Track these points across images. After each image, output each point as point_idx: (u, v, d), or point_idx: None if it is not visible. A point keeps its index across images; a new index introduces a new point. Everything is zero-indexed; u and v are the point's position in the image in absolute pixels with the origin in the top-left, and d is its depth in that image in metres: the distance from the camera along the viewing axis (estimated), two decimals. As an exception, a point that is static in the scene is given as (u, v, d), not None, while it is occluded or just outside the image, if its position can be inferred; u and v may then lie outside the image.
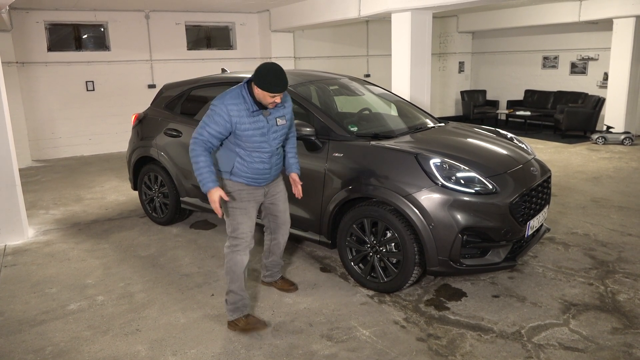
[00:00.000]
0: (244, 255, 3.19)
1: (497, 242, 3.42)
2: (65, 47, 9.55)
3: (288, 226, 3.60)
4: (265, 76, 2.92)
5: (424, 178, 3.40)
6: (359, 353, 2.97)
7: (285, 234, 3.60)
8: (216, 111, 2.99)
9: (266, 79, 2.91)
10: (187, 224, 5.36)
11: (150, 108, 5.43)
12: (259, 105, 3.04)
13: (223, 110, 2.97)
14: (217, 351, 3.02)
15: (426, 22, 7.05)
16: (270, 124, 3.10)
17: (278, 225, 3.55)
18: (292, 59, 11.25)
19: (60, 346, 3.12)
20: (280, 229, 3.57)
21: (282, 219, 3.53)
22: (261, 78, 2.92)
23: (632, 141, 9.33)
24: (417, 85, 7.18)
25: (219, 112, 2.98)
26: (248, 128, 3.02)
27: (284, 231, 3.59)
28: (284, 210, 3.51)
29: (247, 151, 3.11)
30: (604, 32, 10.72)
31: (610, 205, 5.69)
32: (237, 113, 2.98)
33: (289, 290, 3.75)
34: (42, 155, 9.45)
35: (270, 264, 3.75)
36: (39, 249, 4.76)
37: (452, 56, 13.50)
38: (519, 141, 4.37)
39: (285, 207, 3.52)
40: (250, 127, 3.03)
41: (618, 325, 3.20)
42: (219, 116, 2.98)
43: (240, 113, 2.99)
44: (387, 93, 5.14)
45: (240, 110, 2.99)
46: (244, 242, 3.18)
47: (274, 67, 2.96)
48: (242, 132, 3.03)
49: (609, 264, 4.11)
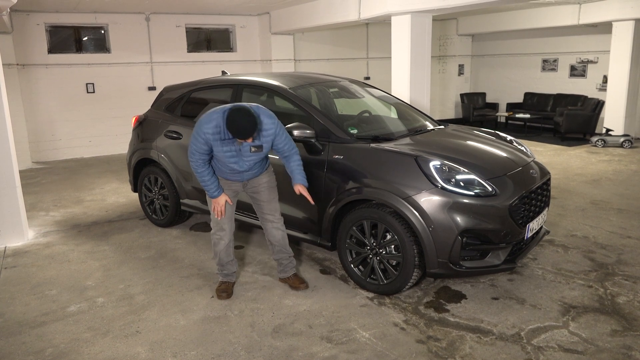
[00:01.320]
0: (221, 239, 3.66)
1: (497, 245, 3.43)
2: (66, 49, 9.56)
3: (277, 216, 3.75)
4: (232, 124, 3.16)
5: (423, 180, 3.41)
6: (358, 355, 2.97)
7: (275, 222, 3.74)
8: (195, 135, 3.35)
9: (232, 127, 3.16)
10: (187, 226, 5.36)
11: (151, 110, 5.43)
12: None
13: (200, 135, 3.32)
14: (217, 353, 3.02)
15: (426, 25, 7.07)
16: (243, 151, 3.39)
17: (264, 214, 3.74)
18: (292, 61, 11.26)
19: (60, 348, 3.12)
20: (267, 218, 3.74)
21: (267, 209, 3.71)
22: (229, 125, 3.17)
23: (631, 144, 9.34)
24: (416, 88, 7.20)
25: (197, 136, 3.33)
26: (220, 151, 3.36)
27: (273, 220, 3.74)
28: (268, 200, 3.70)
29: (218, 159, 3.47)
30: (603, 35, 10.75)
31: (610, 207, 5.70)
32: (212, 137, 3.31)
33: (298, 288, 3.82)
34: (42, 157, 9.45)
35: (278, 257, 3.87)
36: (39, 251, 4.76)
37: (452, 59, 13.52)
38: (518, 144, 4.38)
39: (270, 197, 3.71)
40: (222, 150, 3.35)
41: (617, 328, 3.20)
42: (198, 138, 3.33)
43: (215, 137, 3.31)
44: (387, 95, 5.16)
45: (215, 135, 3.30)
46: (217, 226, 3.65)
47: (242, 114, 3.13)
48: (216, 154, 3.39)
49: (609, 267, 4.12)
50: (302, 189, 3.56)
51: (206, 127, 3.29)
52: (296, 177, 3.57)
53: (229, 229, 3.68)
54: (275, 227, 3.76)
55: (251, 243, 4.81)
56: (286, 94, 4.25)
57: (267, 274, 4.12)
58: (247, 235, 4.98)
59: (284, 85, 4.35)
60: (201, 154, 3.37)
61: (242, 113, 3.13)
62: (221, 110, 3.32)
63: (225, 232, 3.66)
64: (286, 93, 4.25)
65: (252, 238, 4.93)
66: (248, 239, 4.90)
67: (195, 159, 3.40)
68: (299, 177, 3.57)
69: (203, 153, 3.37)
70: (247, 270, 4.20)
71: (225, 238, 3.67)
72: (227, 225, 3.66)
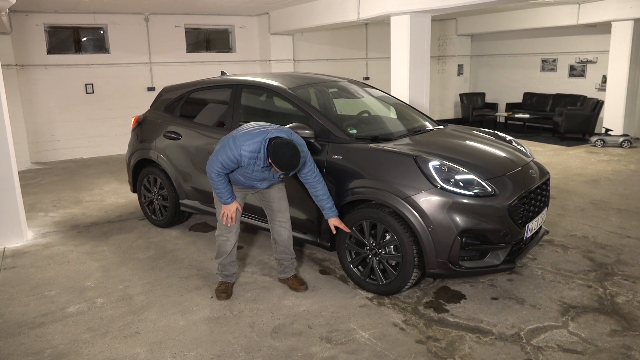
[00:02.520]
0: (227, 241, 3.67)
1: (496, 245, 3.43)
2: (65, 49, 9.56)
3: (286, 215, 3.76)
4: (280, 159, 3.19)
5: (423, 180, 3.41)
6: (358, 355, 2.97)
7: (283, 221, 3.76)
8: (230, 150, 3.29)
9: (281, 161, 3.19)
10: (186, 226, 5.36)
11: (150, 111, 5.43)
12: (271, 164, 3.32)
13: (234, 153, 3.28)
14: (216, 353, 3.02)
15: (425, 25, 7.07)
16: (274, 177, 3.51)
17: (273, 212, 3.76)
18: (292, 61, 11.26)
19: (60, 349, 3.12)
20: (275, 216, 3.75)
21: (277, 206, 3.73)
22: (275, 157, 3.20)
23: (630, 144, 9.35)
24: (416, 88, 7.20)
25: (229, 151, 3.29)
26: (252, 172, 3.39)
27: (281, 219, 3.75)
28: (278, 198, 3.72)
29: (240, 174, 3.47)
30: (602, 35, 10.76)
31: (609, 207, 5.70)
32: (248, 160, 3.31)
33: (298, 289, 3.81)
34: (41, 157, 9.45)
35: (280, 257, 3.86)
36: (38, 252, 4.76)
37: (451, 59, 13.53)
38: (517, 144, 4.38)
39: (280, 195, 3.73)
40: (253, 172, 3.40)
41: (617, 328, 3.20)
42: (230, 155, 3.29)
43: (250, 161, 3.32)
44: (386, 96, 5.15)
45: (252, 159, 3.31)
46: (225, 227, 3.63)
47: (290, 151, 3.17)
48: (245, 169, 3.39)
49: (608, 266, 4.12)
50: (337, 222, 3.61)
51: (245, 149, 3.26)
52: (328, 211, 3.58)
53: (235, 231, 3.68)
54: (283, 227, 3.77)
55: (251, 244, 4.81)
56: (285, 94, 4.25)
57: (266, 274, 4.12)
58: (247, 236, 4.98)
59: (283, 85, 4.34)
60: (225, 167, 3.35)
61: (291, 148, 3.17)
62: (263, 136, 3.29)
63: (232, 233, 3.67)
64: (285, 93, 4.25)
65: (252, 239, 4.93)
66: (249, 240, 4.90)
67: (215, 169, 3.35)
68: (331, 211, 3.58)
69: (227, 168, 3.35)
70: (247, 271, 4.20)
71: (232, 239, 3.68)
72: (235, 228, 3.66)
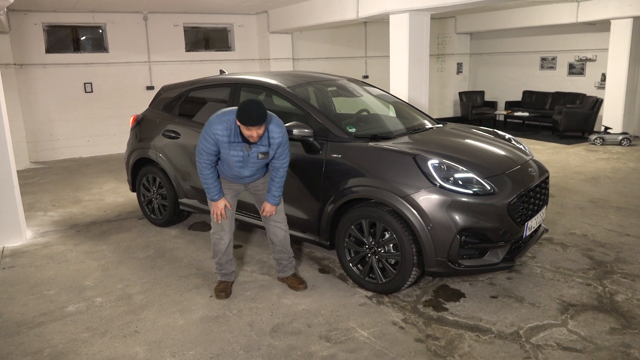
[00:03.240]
0: (221, 239, 3.66)
1: (496, 243, 3.42)
2: (64, 48, 9.54)
3: (281, 215, 3.74)
4: (242, 110, 3.17)
5: (422, 179, 3.40)
6: (357, 354, 2.97)
7: (278, 222, 3.74)
8: (205, 135, 3.36)
9: (243, 113, 3.16)
10: (185, 225, 5.36)
11: (149, 110, 5.42)
12: (244, 137, 3.31)
13: (210, 135, 3.33)
14: (215, 352, 3.02)
15: (424, 23, 7.06)
16: (250, 157, 3.40)
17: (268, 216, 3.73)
18: (291, 60, 11.25)
19: (59, 348, 3.11)
20: (269, 220, 3.73)
21: None
22: (239, 112, 3.18)
23: (629, 142, 9.35)
24: (415, 87, 7.19)
25: (206, 136, 3.34)
26: (227, 154, 3.37)
27: (276, 219, 3.73)
28: None
29: (224, 162, 3.48)
30: (601, 33, 10.75)
31: (608, 205, 5.70)
32: (222, 139, 3.32)
33: (297, 288, 3.80)
34: (40, 157, 9.44)
35: (278, 257, 3.86)
36: (37, 251, 4.75)
37: (450, 57, 13.52)
38: (517, 142, 4.38)
39: None
40: (229, 153, 3.36)
41: (616, 326, 3.20)
42: (207, 138, 3.34)
43: (224, 139, 3.32)
44: (385, 94, 5.15)
45: (224, 137, 3.31)
46: (218, 226, 3.63)
47: (253, 102, 3.18)
48: (222, 154, 3.40)
49: (607, 265, 4.12)
50: (269, 209, 3.62)
51: (216, 128, 3.30)
52: (270, 194, 3.58)
53: (229, 229, 3.67)
54: (278, 227, 3.74)
55: (250, 242, 4.81)
56: (284, 92, 4.24)
57: (265, 273, 4.12)
58: (246, 235, 4.98)
59: (282, 84, 4.34)
60: (209, 154, 3.38)
61: (255, 102, 3.18)
62: (232, 111, 3.33)
63: (226, 232, 3.65)
64: (284, 92, 4.25)
65: (251, 237, 4.92)
66: (247, 239, 4.90)
67: (202, 159, 3.40)
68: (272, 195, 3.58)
69: (211, 154, 3.38)
70: (246, 270, 4.20)
71: (225, 238, 3.66)
72: (228, 226, 3.66)
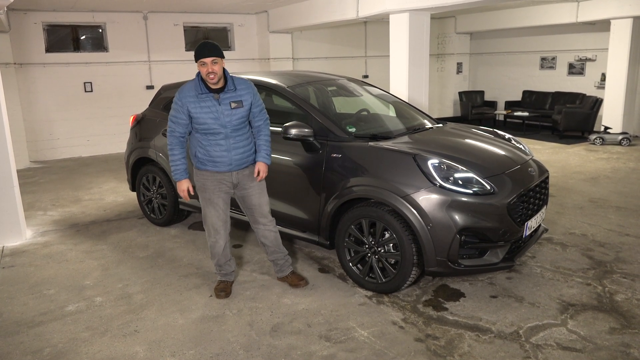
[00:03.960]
0: (216, 242, 3.62)
1: (495, 243, 3.42)
2: (63, 48, 9.54)
3: (267, 220, 3.70)
4: (196, 47, 3.29)
5: (422, 179, 3.40)
6: (357, 354, 2.97)
7: (267, 225, 3.70)
8: (175, 101, 3.36)
9: (197, 48, 3.28)
10: (185, 224, 5.36)
11: (149, 109, 5.42)
12: (210, 89, 3.34)
13: (178, 98, 3.34)
14: (215, 352, 3.02)
15: (424, 23, 7.06)
16: (222, 107, 3.35)
17: (255, 219, 3.70)
18: (291, 60, 11.25)
19: (59, 347, 3.11)
20: (259, 221, 3.69)
21: (259, 213, 3.66)
22: (195, 52, 3.28)
23: (629, 142, 9.35)
24: (415, 86, 7.19)
25: (176, 100, 3.35)
26: (200, 112, 3.33)
27: (265, 222, 3.69)
28: (259, 204, 3.64)
29: (203, 135, 3.41)
30: (601, 33, 10.75)
31: (608, 205, 5.70)
32: (190, 99, 3.32)
33: (298, 285, 3.79)
34: (40, 156, 9.44)
35: (273, 258, 3.84)
36: (37, 250, 4.75)
37: (450, 57, 13.52)
38: (516, 142, 4.38)
39: (261, 201, 3.65)
40: (201, 110, 3.33)
41: (616, 325, 3.20)
42: (176, 104, 3.35)
43: (192, 99, 3.32)
44: (385, 94, 5.15)
45: (192, 97, 3.32)
46: (212, 230, 3.59)
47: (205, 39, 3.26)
48: (196, 116, 3.34)
49: (607, 264, 4.12)
50: (263, 168, 3.55)
51: (182, 91, 3.35)
52: (260, 154, 3.55)
53: (223, 232, 3.62)
54: (267, 229, 3.71)
55: (249, 242, 4.81)
56: (284, 92, 4.24)
57: (265, 272, 4.12)
58: (245, 234, 4.98)
59: (282, 83, 4.34)
60: (178, 124, 3.35)
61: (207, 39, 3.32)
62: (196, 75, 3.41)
63: (221, 235, 3.61)
64: (284, 92, 4.25)
65: (250, 237, 4.92)
66: (246, 238, 4.90)
67: (172, 134, 3.38)
68: (263, 155, 3.55)
69: (181, 124, 3.35)
70: (246, 269, 4.20)
71: (220, 241, 3.63)
72: (222, 228, 3.61)
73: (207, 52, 3.24)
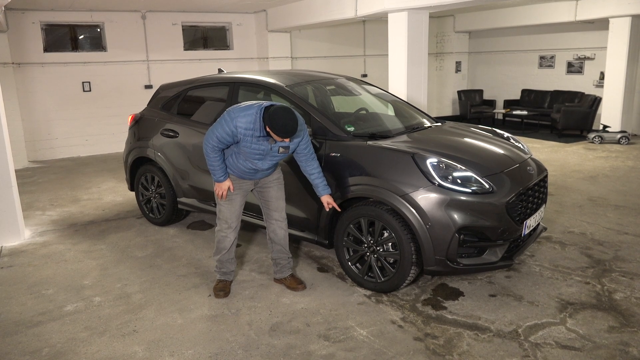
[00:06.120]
0: (226, 237, 3.66)
1: (494, 242, 3.42)
2: (62, 47, 9.52)
3: (281, 217, 3.74)
4: (277, 122, 3.14)
5: (420, 178, 3.40)
6: (356, 353, 2.97)
7: (279, 221, 3.74)
8: (226, 123, 3.29)
9: (278, 125, 3.14)
10: (184, 224, 5.35)
11: (147, 109, 5.42)
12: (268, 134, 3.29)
13: (231, 125, 3.27)
14: (214, 351, 3.01)
15: (423, 22, 7.06)
16: (272, 151, 3.38)
17: (270, 211, 3.73)
18: (289, 59, 11.24)
19: (57, 347, 3.11)
20: (272, 215, 3.73)
21: (274, 205, 3.71)
22: (273, 122, 3.15)
23: (628, 140, 9.36)
24: (414, 85, 7.19)
25: (225, 125, 3.29)
26: (250, 146, 3.32)
27: (278, 218, 3.73)
28: (277, 197, 3.71)
29: (241, 155, 3.43)
30: (600, 32, 10.76)
31: (607, 204, 5.71)
32: (244, 132, 3.26)
33: (296, 289, 3.78)
34: (38, 156, 9.42)
35: (277, 257, 3.84)
36: (36, 250, 4.75)
37: (449, 56, 13.52)
38: (515, 140, 4.38)
39: (279, 195, 3.71)
40: (252, 146, 3.32)
41: (614, 324, 3.21)
42: (226, 128, 3.28)
43: (247, 132, 3.27)
44: (384, 93, 5.15)
45: (248, 130, 3.26)
46: (225, 224, 3.64)
47: (288, 115, 3.15)
48: (245, 145, 3.33)
49: (606, 263, 4.12)
50: (330, 199, 3.61)
51: (240, 121, 3.25)
52: (322, 189, 3.60)
53: (235, 227, 3.67)
54: (280, 226, 3.75)
55: (249, 242, 4.81)
56: (283, 91, 4.24)
57: (264, 272, 4.12)
58: (245, 234, 4.97)
59: (280, 83, 4.33)
60: (221, 142, 3.34)
61: (288, 112, 3.15)
62: (257, 107, 3.30)
63: (232, 230, 3.65)
64: (283, 91, 4.24)
65: (250, 237, 4.92)
66: (246, 238, 4.89)
67: (212, 144, 3.35)
68: (325, 189, 3.60)
69: (223, 142, 3.34)
70: (245, 269, 4.20)
71: (230, 236, 3.66)
72: (235, 223, 3.65)
73: (289, 134, 3.17)
